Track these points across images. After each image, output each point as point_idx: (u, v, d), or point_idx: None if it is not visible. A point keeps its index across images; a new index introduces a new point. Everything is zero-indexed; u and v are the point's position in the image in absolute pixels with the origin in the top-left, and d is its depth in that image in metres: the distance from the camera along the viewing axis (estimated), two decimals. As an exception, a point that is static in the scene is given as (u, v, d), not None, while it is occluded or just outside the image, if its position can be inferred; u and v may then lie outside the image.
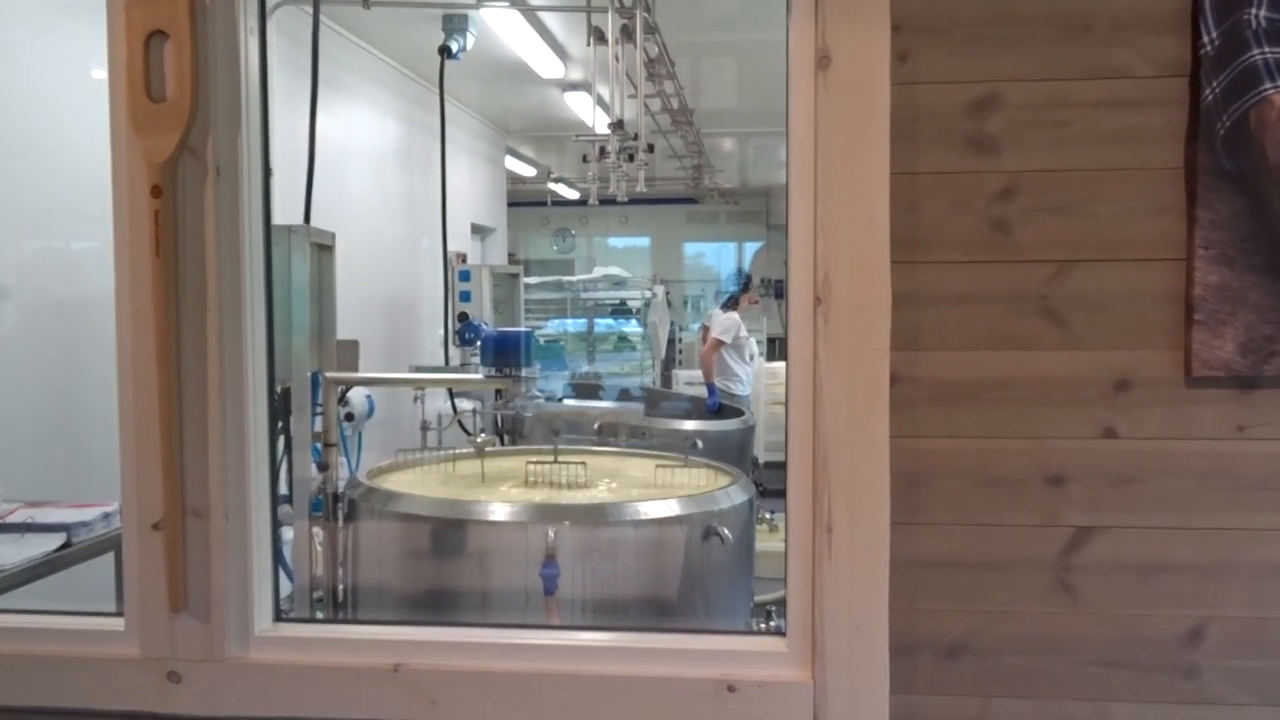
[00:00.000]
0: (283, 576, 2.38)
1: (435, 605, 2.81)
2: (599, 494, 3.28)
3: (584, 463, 3.30)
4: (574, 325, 10.03)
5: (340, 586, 3.17)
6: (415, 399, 6.40)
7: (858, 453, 1.68)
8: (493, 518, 2.81)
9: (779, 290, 13.68)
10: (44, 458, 3.72)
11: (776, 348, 11.84)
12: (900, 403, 1.71)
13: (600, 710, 1.75)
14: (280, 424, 2.97)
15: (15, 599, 2.66)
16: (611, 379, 9.22)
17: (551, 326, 9.86)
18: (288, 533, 3.14)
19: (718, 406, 6.88)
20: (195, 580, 1.84)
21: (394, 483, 3.33)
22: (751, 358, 7.92)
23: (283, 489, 2.98)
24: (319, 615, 2.97)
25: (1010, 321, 1.70)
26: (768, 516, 6.00)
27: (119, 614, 1.89)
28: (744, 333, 7.59)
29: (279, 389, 2.88)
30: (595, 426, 4.18)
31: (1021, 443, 1.71)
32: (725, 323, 7.46)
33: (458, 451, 3.66)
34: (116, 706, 1.86)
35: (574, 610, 2.75)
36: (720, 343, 7.38)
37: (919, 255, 1.70)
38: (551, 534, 2.72)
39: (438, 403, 7.06)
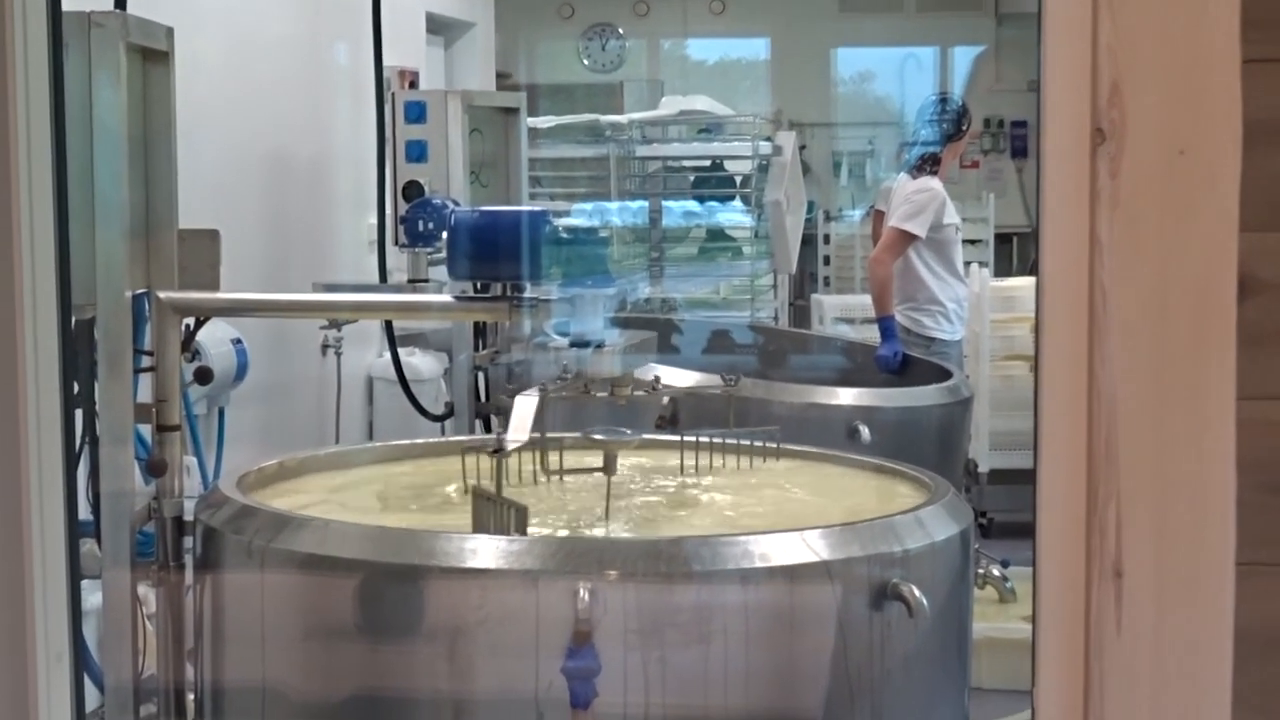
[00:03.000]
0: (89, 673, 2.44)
1: (368, 723, 2.87)
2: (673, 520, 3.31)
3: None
4: (625, 210, 10.00)
5: (190, 692, 3.24)
6: (325, 346, 6.40)
7: (1173, 429, 1.69)
8: (474, 563, 2.86)
9: (1019, 141, 13.56)
10: None
11: (1015, 250, 11.76)
12: (1258, 332, 1.72)
13: None
14: (77, 387, 3.03)
15: None
16: (697, 310, 9.21)
17: (581, 213, 9.82)
18: (93, 593, 3.22)
19: (900, 359, 6.86)
20: (-70, 668, 1.90)
21: (290, 499, 3.38)
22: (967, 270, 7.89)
23: (84, 510, 3.05)
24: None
25: None
26: (995, 572, 6.00)
27: None
28: (953, 218, 7.54)
29: (74, 321, 2.94)
30: (664, 403, 4.23)
31: None
32: (917, 200, 7.38)
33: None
34: None
35: (629, 736, 2.79)
36: (907, 237, 7.32)
37: (1299, 47, 1.69)
38: (585, 595, 2.76)
39: (366, 355, 7.09)
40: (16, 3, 1.91)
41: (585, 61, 14.80)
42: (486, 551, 2.87)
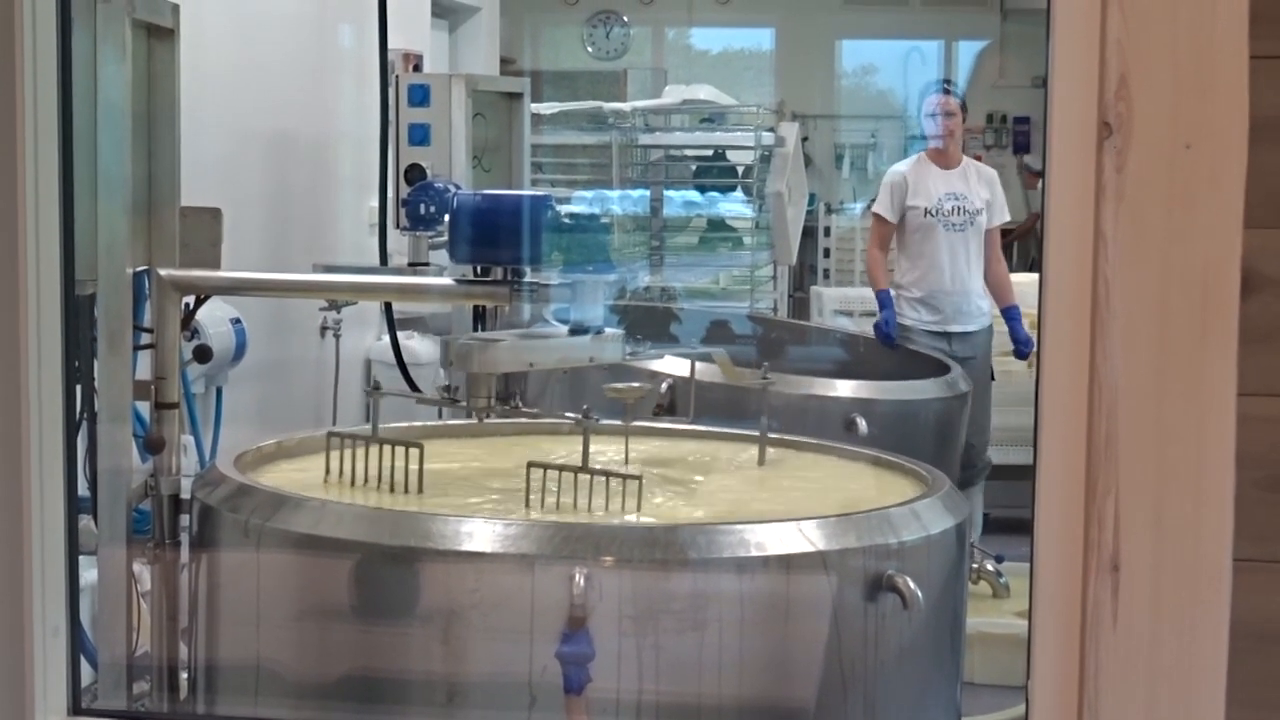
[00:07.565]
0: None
1: (360, 703, 2.87)
2: (668, 508, 3.31)
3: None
4: (626, 199, 9.99)
5: (183, 670, 3.24)
6: (324, 328, 6.42)
7: (1174, 424, 1.69)
8: (469, 546, 2.86)
9: (1021, 137, 13.54)
10: None
11: (1015, 246, 11.71)
12: (1260, 329, 1.71)
13: None
14: (77, 364, 3.03)
15: None
16: (696, 300, 9.20)
17: (582, 200, 9.81)
18: (89, 570, 3.22)
19: (893, 330, 6.91)
20: (-73, 639, 1.90)
21: (285, 479, 3.38)
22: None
23: (81, 486, 3.05)
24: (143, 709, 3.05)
25: None
26: (990, 567, 6.01)
27: None
28: (922, 201, 7.57)
29: (76, 296, 2.94)
30: (664, 389, 4.23)
31: None
32: (882, 184, 7.48)
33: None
34: None
35: (621, 721, 2.79)
36: (876, 220, 7.39)
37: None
38: (580, 580, 2.76)
39: (365, 337, 7.09)
40: (25, -24, 1.91)
41: (589, 48, 14.77)
42: (482, 535, 2.87)
